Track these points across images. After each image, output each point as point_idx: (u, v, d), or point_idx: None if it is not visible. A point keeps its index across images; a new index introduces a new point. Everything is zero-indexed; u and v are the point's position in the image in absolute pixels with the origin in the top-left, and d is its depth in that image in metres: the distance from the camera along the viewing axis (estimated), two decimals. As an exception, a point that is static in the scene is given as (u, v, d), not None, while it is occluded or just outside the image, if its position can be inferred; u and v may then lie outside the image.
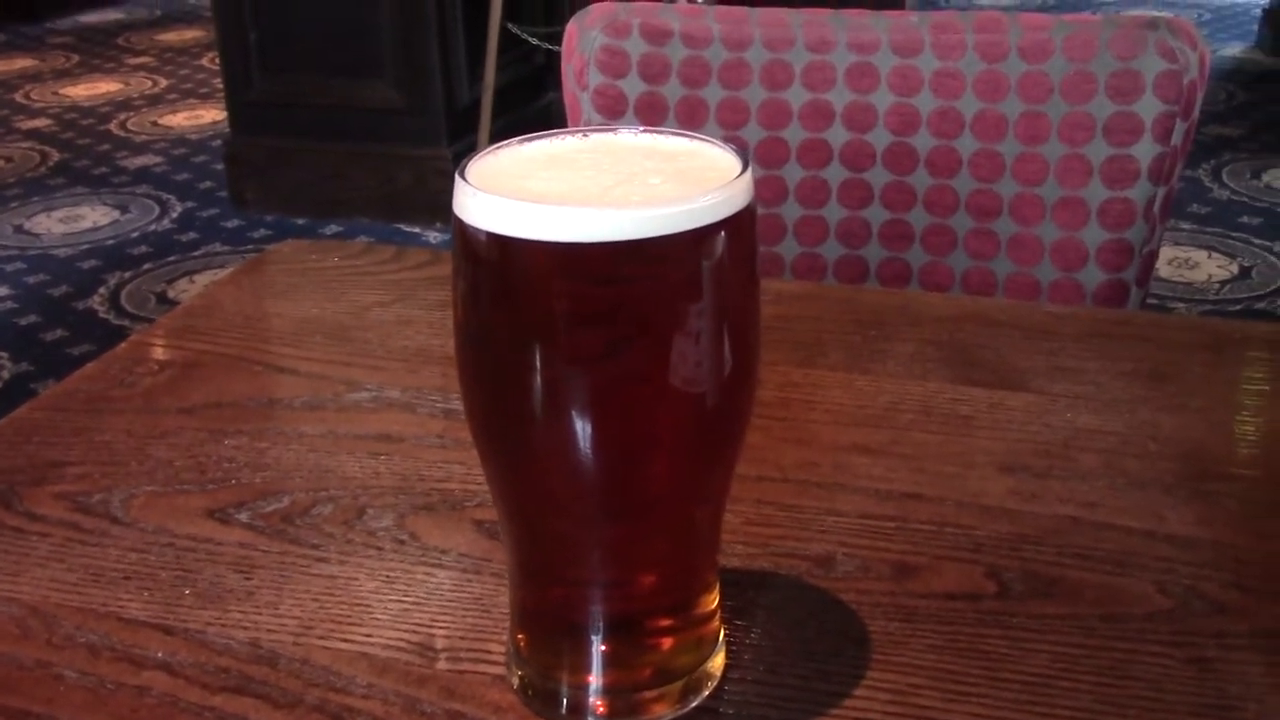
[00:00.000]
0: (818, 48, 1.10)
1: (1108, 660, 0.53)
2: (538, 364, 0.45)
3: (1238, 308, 2.71)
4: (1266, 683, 0.51)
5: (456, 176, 0.45)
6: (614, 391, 0.46)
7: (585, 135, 0.50)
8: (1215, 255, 2.96)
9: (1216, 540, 0.61)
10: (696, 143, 0.49)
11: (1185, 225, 3.11)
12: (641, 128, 0.50)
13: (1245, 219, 3.16)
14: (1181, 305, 2.71)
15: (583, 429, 0.46)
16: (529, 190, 0.45)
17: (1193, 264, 2.92)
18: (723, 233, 0.44)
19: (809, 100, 1.11)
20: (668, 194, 0.45)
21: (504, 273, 0.45)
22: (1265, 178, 3.43)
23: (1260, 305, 2.72)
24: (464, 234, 0.45)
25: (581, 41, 1.12)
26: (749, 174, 0.45)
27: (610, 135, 0.50)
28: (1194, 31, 1.03)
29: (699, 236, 0.44)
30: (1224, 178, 3.43)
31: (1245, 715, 0.50)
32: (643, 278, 0.44)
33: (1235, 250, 2.99)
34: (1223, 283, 2.83)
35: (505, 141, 0.49)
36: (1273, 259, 2.93)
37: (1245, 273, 2.87)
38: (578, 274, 0.44)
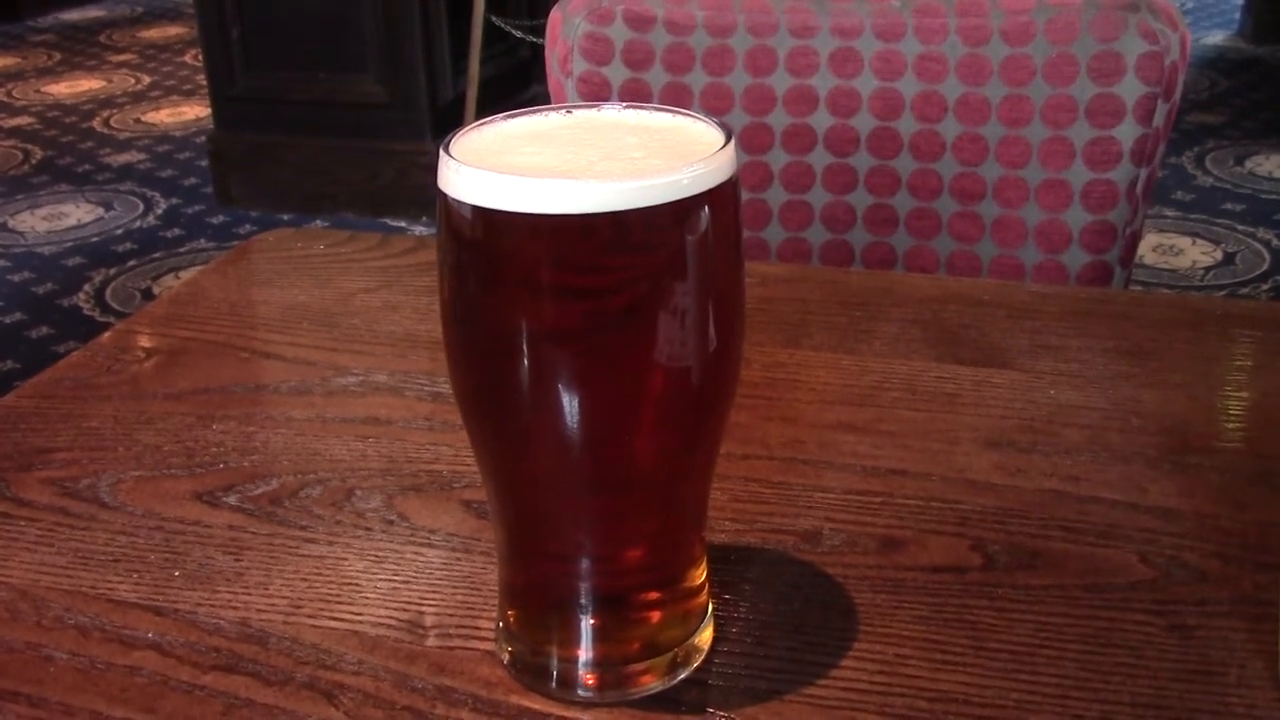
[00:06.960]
0: (801, 33, 1.11)
1: (1091, 629, 0.53)
2: (523, 338, 0.45)
3: (1222, 294, 2.72)
4: (1247, 648, 0.52)
5: (441, 151, 0.45)
6: (599, 364, 0.46)
7: (569, 112, 0.50)
8: (1199, 242, 2.98)
9: (1198, 511, 0.61)
10: (679, 118, 0.49)
11: (1169, 212, 3.13)
12: (625, 104, 0.50)
13: (1229, 205, 3.18)
14: (1166, 292, 2.72)
15: (568, 403, 0.46)
16: (513, 164, 0.45)
17: (1177, 250, 2.93)
18: (706, 205, 0.45)
19: (793, 86, 1.11)
20: (651, 167, 0.45)
21: (488, 247, 0.45)
22: (1248, 164, 3.45)
23: (1244, 291, 2.73)
24: (448, 209, 0.46)
25: (565, 29, 1.13)
26: (731, 147, 0.46)
27: (594, 112, 0.50)
28: (1175, 13, 1.04)
29: (682, 208, 0.44)
30: (1207, 165, 3.45)
31: (1226, 680, 0.51)
32: (626, 250, 0.45)
33: (1219, 237, 3.00)
34: (1207, 269, 2.84)
35: (489, 118, 0.49)
36: (1256, 245, 2.95)
37: (1229, 259, 2.89)
38: (561, 247, 0.44)
